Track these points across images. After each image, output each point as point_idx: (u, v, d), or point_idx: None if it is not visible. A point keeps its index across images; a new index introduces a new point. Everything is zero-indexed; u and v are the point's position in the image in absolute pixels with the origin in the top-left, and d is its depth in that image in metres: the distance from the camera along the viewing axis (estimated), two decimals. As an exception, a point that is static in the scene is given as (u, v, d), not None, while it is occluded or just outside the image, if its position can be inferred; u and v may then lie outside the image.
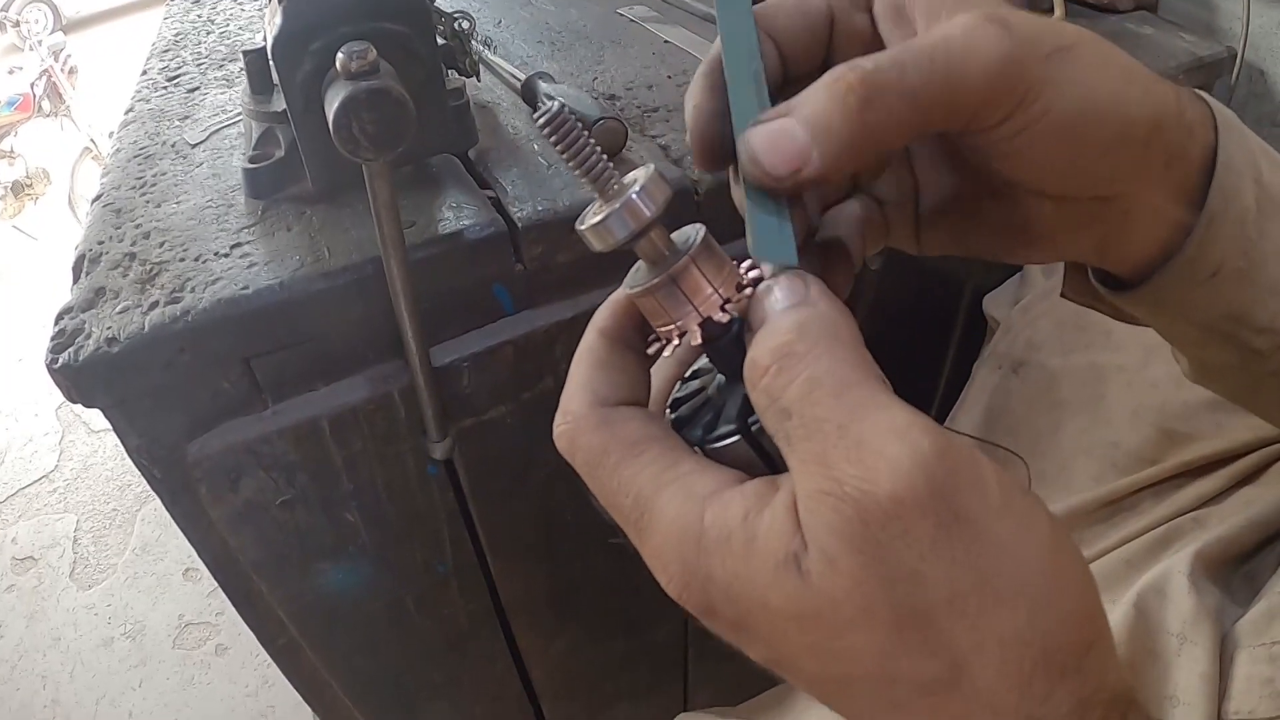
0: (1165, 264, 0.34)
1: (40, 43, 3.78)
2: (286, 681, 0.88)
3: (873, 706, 0.26)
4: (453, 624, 0.85)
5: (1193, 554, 0.57)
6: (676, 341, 0.29)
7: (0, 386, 2.88)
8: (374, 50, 0.51)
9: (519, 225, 0.64)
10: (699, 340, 0.29)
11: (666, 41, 0.93)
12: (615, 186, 0.29)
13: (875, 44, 0.33)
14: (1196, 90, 0.33)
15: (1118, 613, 0.57)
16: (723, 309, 0.29)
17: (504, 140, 0.75)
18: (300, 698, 0.91)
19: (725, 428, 0.29)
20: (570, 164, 0.29)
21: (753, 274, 0.30)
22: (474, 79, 0.71)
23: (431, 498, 0.73)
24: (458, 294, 0.65)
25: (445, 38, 0.68)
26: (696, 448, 0.29)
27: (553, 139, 0.29)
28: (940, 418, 0.82)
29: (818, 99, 0.27)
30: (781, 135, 0.27)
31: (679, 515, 0.26)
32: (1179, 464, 0.63)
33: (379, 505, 0.71)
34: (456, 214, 0.64)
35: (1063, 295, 0.41)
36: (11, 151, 3.78)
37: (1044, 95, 0.28)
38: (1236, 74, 0.94)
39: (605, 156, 0.29)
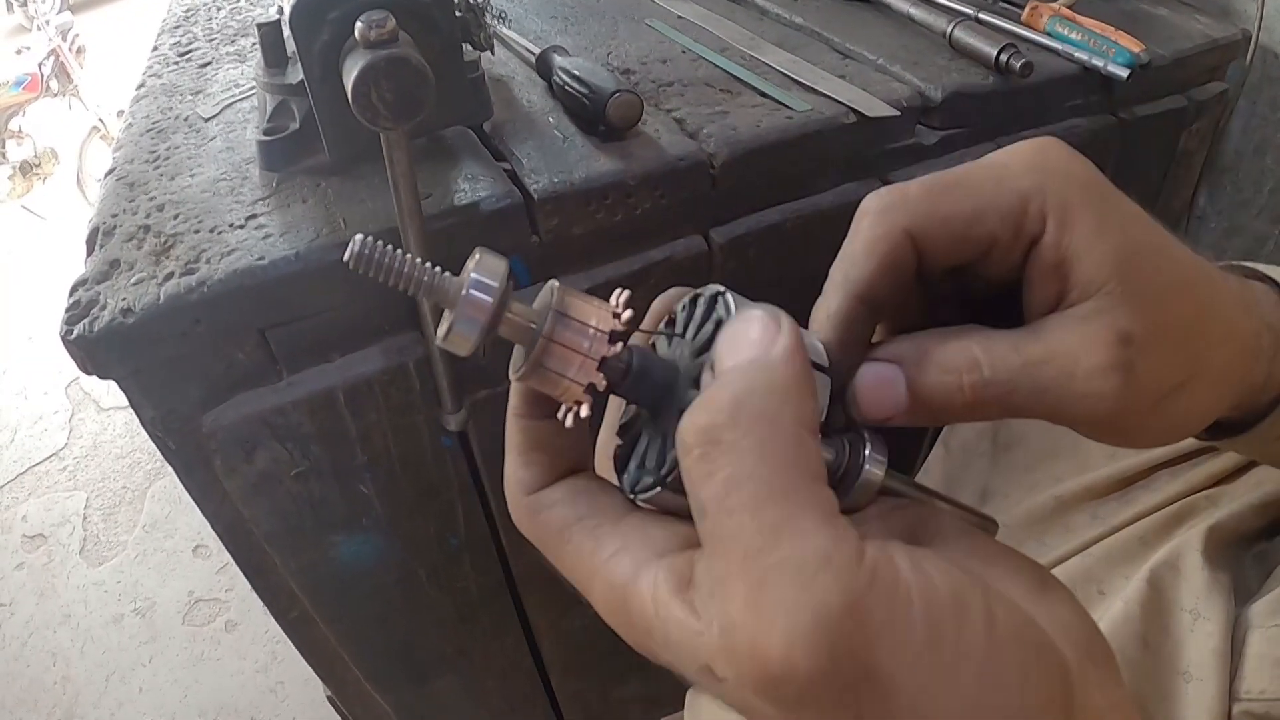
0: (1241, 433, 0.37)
1: (48, 22, 3.77)
2: (296, 657, 0.89)
3: None
4: (464, 597, 0.86)
5: (1206, 530, 0.58)
6: (589, 401, 0.28)
7: (10, 365, 2.89)
8: (393, 19, 0.51)
9: (535, 197, 0.64)
10: (604, 384, 0.28)
11: (680, 16, 0.93)
12: (452, 289, 0.27)
13: (1014, 282, 0.31)
14: (1255, 271, 0.36)
15: (1131, 588, 0.58)
16: (611, 343, 0.27)
17: (519, 113, 0.74)
18: (310, 673, 0.91)
19: (646, 479, 0.28)
20: (398, 287, 0.27)
21: (623, 298, 0.28)
22: (489, 52, 0.70)
23: (445, 470, 0.74)
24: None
25: (461, 10, 0.68)
26: (633, 496, 0.29)
27: (366, 273, 0.27)
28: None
29: (930, 378, 0.29)
30: (886, 386, 0.29)
31: (608, 603, 0.27)
32: (1193, 442, 0.63)
33: (393, 477, 0.71)
34: (473, 185, 0.64)
35: None
36: (20, 131, 3.78)
37: (1148, 426, 0.30)
38: (1251, 56, 0.94)
39: (427, 263, 0.27)
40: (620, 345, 0.28)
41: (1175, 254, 0.30)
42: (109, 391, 2.63)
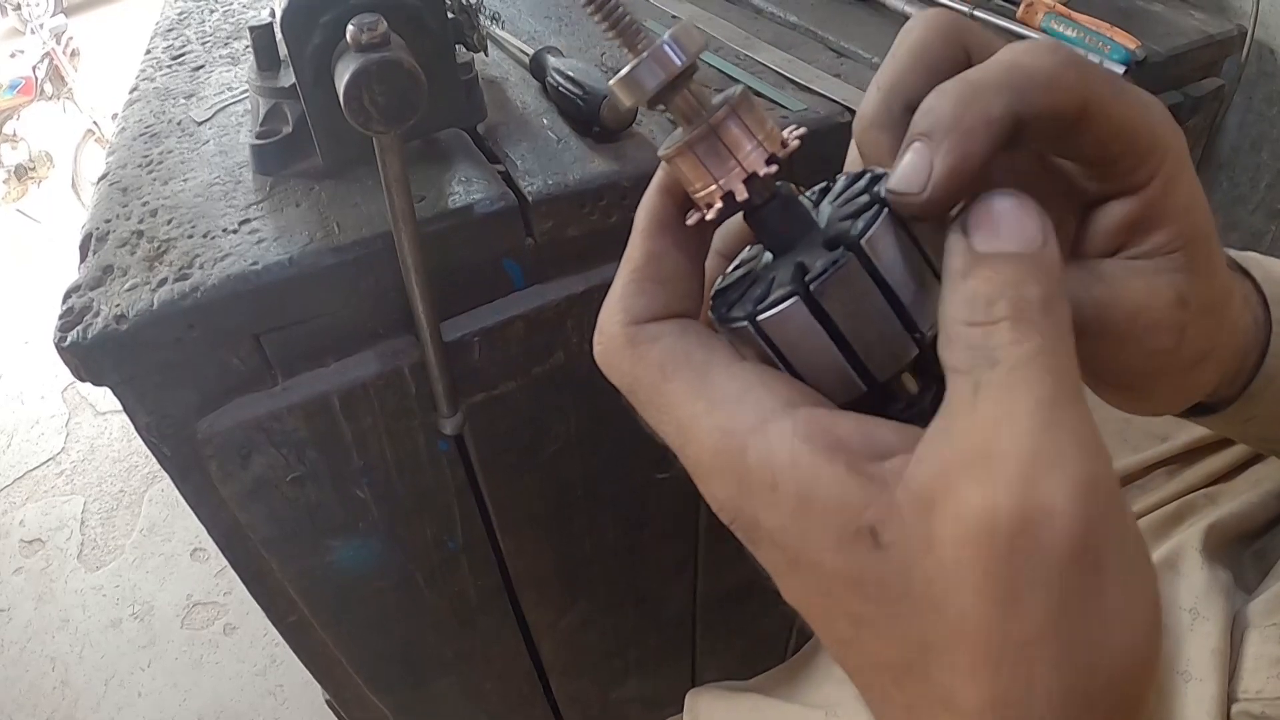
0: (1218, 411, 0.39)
1: (42, 26, 3.75)
2: (295, 660, 0.88)
3: (881, 680, 0.24)
4: (462, 600, 0.86)
5: (1205, 529, 0.58)
6: (720, 205, 0.27)
7: (6, 369, 2.88)
8: (385, 22, 0.50)
9: (529, 199, 0.64)
10: (744, 196, 0.26)
11: (675, 16, 0.92)
12: (644, 41, 0.27)
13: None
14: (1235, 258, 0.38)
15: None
16: (768, 163, 0.26)
17: (513, 115, 0.74)
18: (309, 676, 0.91)
19: (779, 291, 0.26)
20: (594, 16, 0.27)
21: (797, 133, 0.28)
22: (482, 54, 0.70)
23: (442, 473, 0.73)
24: (468, 269, 0.65)
25: (454, 12, 0.68)
26: (747, 323, 0.26)
27: (597, 10, 0.27)
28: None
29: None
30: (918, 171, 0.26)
31: (720, 450, 0.24)
32: (1192, 439, 0.63)
33: (389, 481, 0.71)
34: (466, 188, 0.64)
35: None
36: (14, 135, 3.76)
37: (1165, 392, 0.33)
38: (1246, 52, 0.93)
39: (634, 16, 0.27)
40: (774, 168, 0.27)
41: (1218, 242, 0.31)
42: (105, 395, 2.62)
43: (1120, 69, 0.77)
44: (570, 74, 0.71)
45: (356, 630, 0.83)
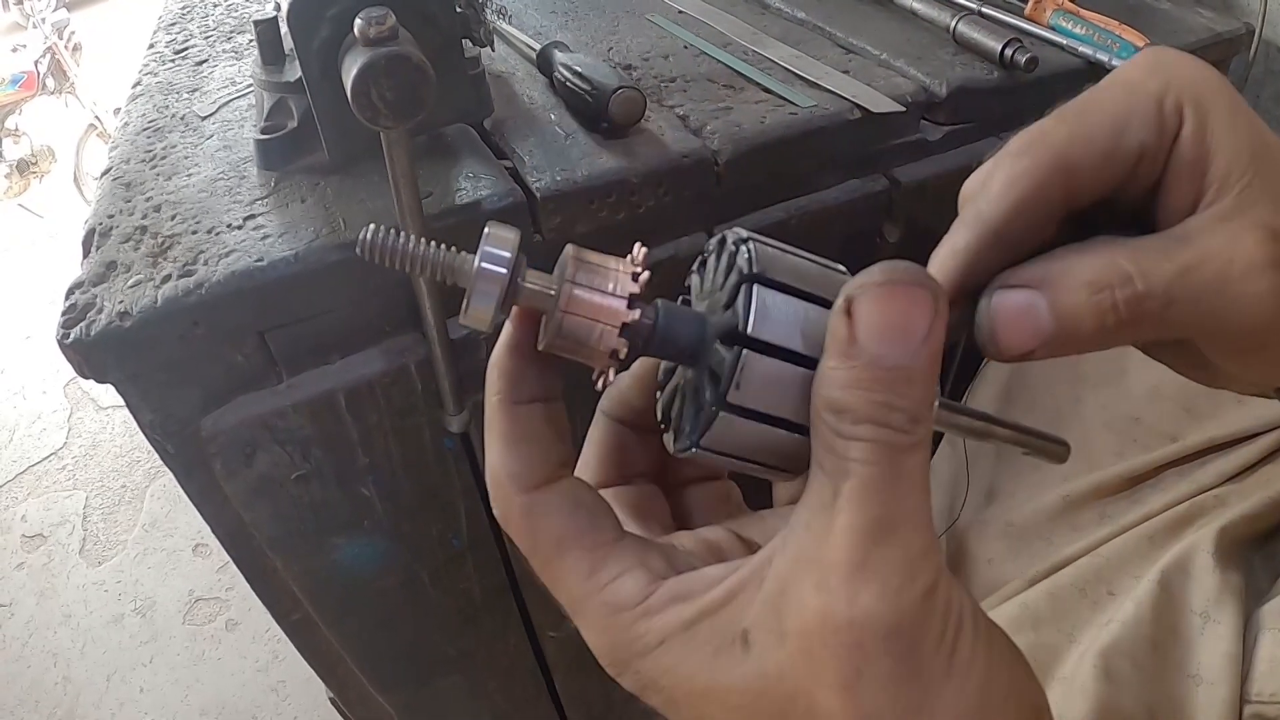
0: None
1: (44, 20, 3.75)
2: (297, 656, 0.88)
3: None
4: (467, 598, 0.85)
5: (1216, 531, 0.57)
6: (613, 366, 0.27)
7: (8, 364, 2.88)
8: (393, 16, 0.50)
9: (537, 195, 0.63)
10: (624, 349, 0.27)
11: (682, 11, 0.92)
12: (466, 265, 0.27)
13: (1157, 184, 0.29)
14: None
15: (1141, 590, 0.57)
16: (629, 307, 0.27)
17: (520, 110, 0.74)
18: (311, 672, 0.91)
19: (705, 413, 0.27)
20: (413, 271, 0.27)
21: (642, 255, 0.28)
22: (489, 49, 0.70)
23: (447, 471, 0.73)
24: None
25: (461, 7, 0.67)
26: (694, 450, 0.27)
27: (380, 261, 0.27)
28: (958, 392, 0.81)
29: (1077, 299, 0.27)
30: (1026, 313, 0.27)
31: (607, 628, 0.26)
32: (1203, 440, 0.62)
33: (395, 479, 0.71)
34: (474, 184, 0.64)
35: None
36: (16, 130, 3.76)
37: None
38: (1254, 50, 0.93)
39: (439, 243, 0.27)
40: (638, 311, 0.27)
41: None
42: (108, 390, 2.60)
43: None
44: (578, 69, 0.70)
45: (361, 628, 0.82)
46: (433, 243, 0.27)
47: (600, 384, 0.29)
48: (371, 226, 0.27)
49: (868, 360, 0.23)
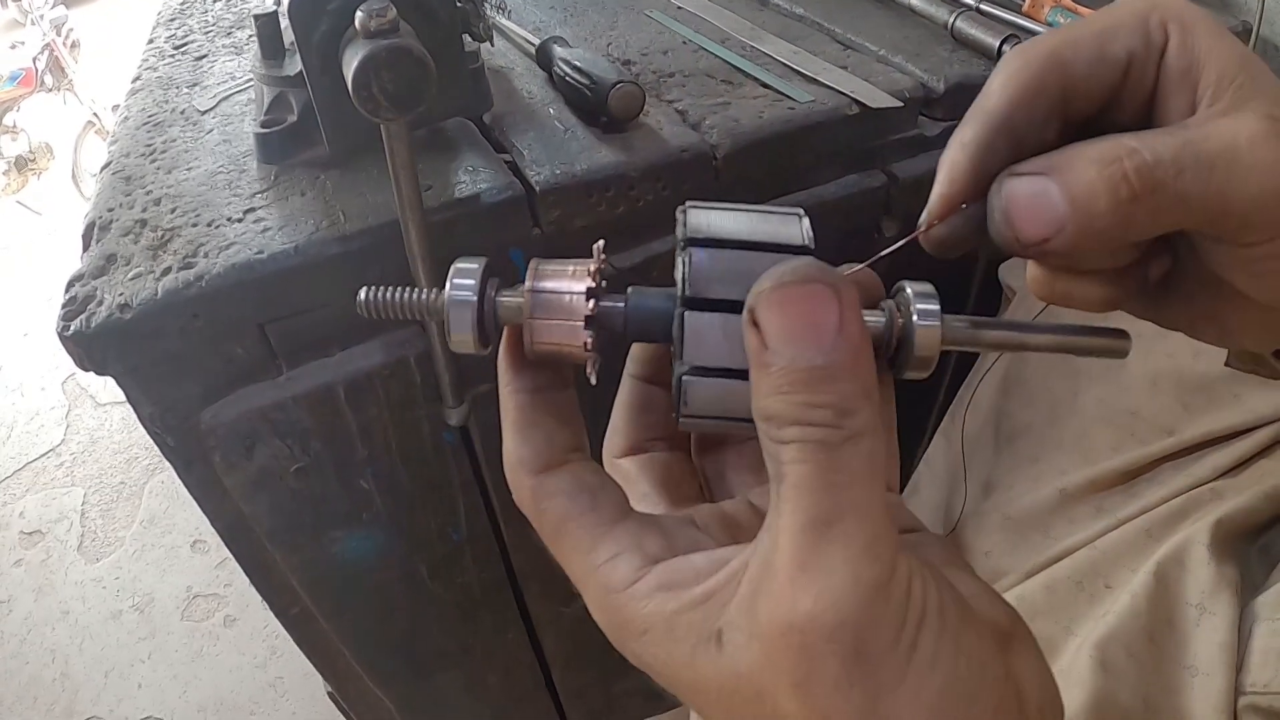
0: None
1: (42, 17, 3.75)
2: (295, 652, 0.88)
3: None
4: (466, 592, 0.85)
5: (1212, 525, 0.57)
6: (590, 356, 0.29)
7: (6, 361, 2.88)
8: (394, 9, 0.50)
9: (536, 189, 0.63)
10: (598, 359, 0.29)
11: (680, 7, 0.92)
12: (441, 299, 0.29)
13: (1151, 101, 0.30)
14: None
15: (1137, 582, 0.57)
16: (587, 328, 0.28)
17: (519, 104, 0.74)
18: (309, 668, 0.91)
19: (674, 328, 0.28)
20: (410, 318, 0.29)
21: (599, 246, 0.29)
22: (488, 43, 0.70)
23: (446, 465, 0.73)
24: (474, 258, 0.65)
25: (460, 1, 0.67)
26: (685, 378, 0.28)
27: (380, 316, 0.29)
28: (955, 387, 0.81)
29: (1087, 175, 0.27)
30: (1041, 198, 0.27)
31: (603, 606, 0.28)
32: (1199, 434, 0.63)
33: (394, 472, 0.71)
34: (473, 177, 0.64)
35: (1227, 365, 0.39)
36: (14, 126, 3.76)
37: None
38: (1252, 48, 0.93)
39: (424, 289, 0.29)
40: (594, 303, 0.28)
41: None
42: (106, 387, 2.62)
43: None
44: (577, 64, 0.71)
45: (360, 622, 0.82)
46: (418, 290, 0.29)
47: (593, 378, 0.29)
48: (362, 291, 0.29)
49: (782, 366, 0.24)
